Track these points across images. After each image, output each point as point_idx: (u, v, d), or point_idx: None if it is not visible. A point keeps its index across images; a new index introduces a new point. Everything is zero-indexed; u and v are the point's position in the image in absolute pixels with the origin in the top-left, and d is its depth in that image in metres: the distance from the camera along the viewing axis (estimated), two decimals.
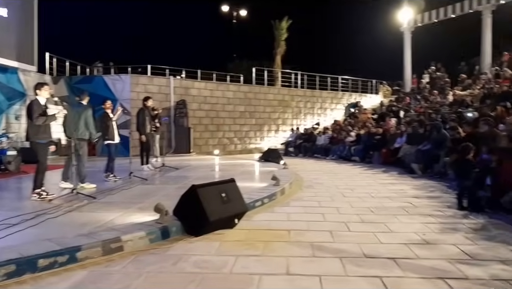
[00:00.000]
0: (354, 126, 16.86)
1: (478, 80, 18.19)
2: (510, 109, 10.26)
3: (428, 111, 14.96)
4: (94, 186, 7.14)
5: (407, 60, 23.57)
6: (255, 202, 5.73)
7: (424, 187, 7.84)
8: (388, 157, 12.04)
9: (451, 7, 21.38)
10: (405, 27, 23.37)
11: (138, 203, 5.66)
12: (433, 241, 4.08)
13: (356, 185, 8.25)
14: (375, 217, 5.23)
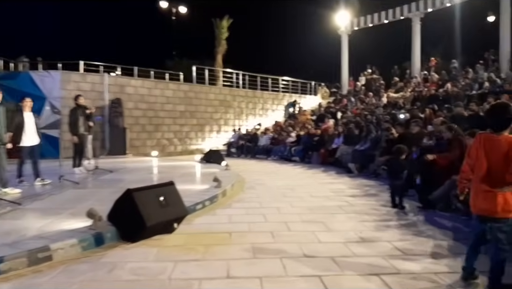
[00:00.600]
0: (294, 127, 17.22)
1: (409, 83, 19.44)
2: (437, 111, 11.02)
3: (364, 112, 15.68)
4: (19, 191, 6.57)
5: (345, 62, 24.57)
6: (195, 205, 5.59)
7: (360, 186, 8.15)
8: (326, 157, 12.41)
9: (384, 13, 22.66)
10: (342, 30, 24.35)
11: (69, 208, 5.28)
12: (369, 239, 4.23)
13: (297, 184, 8.39)
14: (314, 216, 5.32)
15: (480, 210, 2.94)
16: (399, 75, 21.52)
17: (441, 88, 15.53)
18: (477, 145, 2.97)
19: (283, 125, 18.81)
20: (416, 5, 21.15)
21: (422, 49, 21.64)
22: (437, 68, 19.58)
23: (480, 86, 14.66)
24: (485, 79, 15.13)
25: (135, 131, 17.13)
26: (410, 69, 21.57)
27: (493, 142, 2.89)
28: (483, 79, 15.32)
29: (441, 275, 3.17)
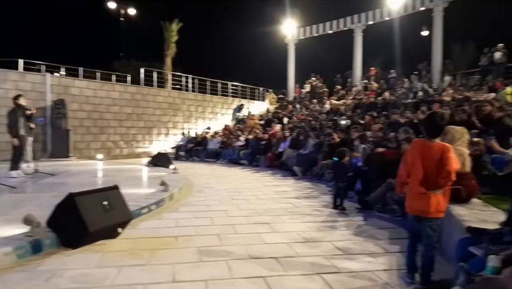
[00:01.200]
0: (243, 131, 17.39)
1: (350, 91, 20.39)
2: (376, 118, 11.68)
3: (309, 118, 16.22)
4: None
5: (291, 70, 25.27)
6: (141, 209, 5.52)
7: (304, 188, 8.44)
8: (273, 160, 12.68)
9: (329, 24, 23.61)
10: (289, 39, 25.01)
11: (4, 214, 4.99)
12: (312, 239, 4.43)
13: (244, 187, 8.52)
14: (261, 218, 5.46)
15: (415, 211, 3.21)
16: (341, 83, 22.51)
17: (379, 97, 16.46)
18: (413, 151, 3.25)
19: (232, 129, 18.92)
20: (358, 17, 22.28)
21: (363, 59, 22.84)
22: (377, 77, 20.75)
23: (415, 96, 15.75)
24: (419, 89, 16.29)
25: (79, 134, 16.40)
26: (352, 78, 22.64)
27: (427, 148, 3.16)
28: (417, 89, 16.50)
29: (378, 272, 3.40)
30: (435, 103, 11.31)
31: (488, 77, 15.35)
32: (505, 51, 15.80)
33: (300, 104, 21.25)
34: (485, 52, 16.77)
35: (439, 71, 18.65)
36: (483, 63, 16.76)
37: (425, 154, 3.16)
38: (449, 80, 17.26)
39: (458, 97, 12.52)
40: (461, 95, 12.82)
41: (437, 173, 3.09)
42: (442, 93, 14.44)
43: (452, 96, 13.18)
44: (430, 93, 15.20)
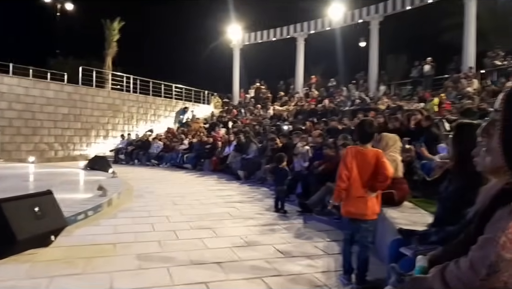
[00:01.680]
0: (187, 134, 17.16)
1: (293, 98, 20.95)
2: (316, 124, 12.10)
3: (253, 123, 16.41)
4: None
5: (236, 74, 25.40)
6: (77, 215, 5.24)
7: (247, 192, 8.51)
8: (217, 164, 12.65)
9: (272, 31, 24.07)
10: (234, 44, 25.13)
11: None
12: (254, 243, 4.48)
13: (187, 192, 8.40)
14: (203, 223, 5.42)
15: (351, 214, 3.37)
16: (284, 90, 23.05)
17: (320, 104, 17.09)
18: (350, 157, 3.41)
19: (175, 132, 18.60)
20: (300, 26, 22.96)
21: (305, 67, 23.56)
22: (317, 85, 21.54)
23: (352, 103, 16.54)
24: (356, 97, 17.15)
25: (7, 134, 15.23)
26: (294, 85, 23.26)
27: (362, 154, 3.35)
28: (355, 97, 17.35)
29: (317, 274, 3.50)
30: (371, 111, 11.95)
31: (418, 88, 16.51)
32: (433, 64, 17.12)
33: (245, 109, 21.42)
34: (416, 64, 18.07)
35: (375, 81, 19.75)
36: (413, 75, 18.04)
37: (360, 160, 3.34)
38: (384, 90, 18.35)
39: (392, 106, 13.34)
40: (394, 104, 13.68)
41: (373, 177, 3.29)
42: (378, 101, 15.30)
43: (386, 104, 14.01)
44: (366, 101, 16.05)
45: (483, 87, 13.15)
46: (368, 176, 3.31)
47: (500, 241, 1.11)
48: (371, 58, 20.27)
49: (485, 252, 1.20)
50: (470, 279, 1.23)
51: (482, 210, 1.34)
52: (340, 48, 22.08)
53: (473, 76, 14.52)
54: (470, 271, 1.24)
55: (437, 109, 11.61)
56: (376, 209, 3.35)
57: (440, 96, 12.87)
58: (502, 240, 1.10)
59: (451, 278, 1.34)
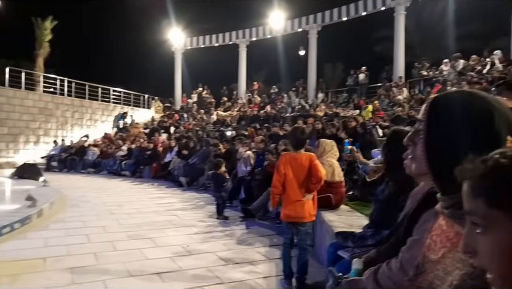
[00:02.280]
0: (125, 140, 16.53)
1: (236, 104, 21.04)
2: (258, 130, 12.24)
3: (196, 128, 16.23)
4: None
5: (178, 79, 24.98)
6: (1, 229, 4.83)
7: (190, 199, 8.38)
8: (158, 171, 12.33)
9: (215, 36, 24.03)
10: (176, 48, 24.73)
11: None
12: (195, 251, 4.41)
13: (126, 201, 8.08)
14: (143, 233, 5.24)
15: (290, 217, 3.46)
16: (228, 95, 23.10)
17: (262, 110, 17.34)
18: (283, 163, 3.50)
19: (113, 138, 17.84)
20: (242, 32, 23.16)
21: (247, 73, 23.80)
22: (260, 91, 21.86)
23: (293, 110, 16.99)
24: (296, 104, 17.64)
25: None
26: (237, 91, 23.41)
27: (295, 159, 3.48)
28: (295, 104, 17.84)
29: (259, 280, 3.53)
30: (310, 118, 12.33)
31: (354, 96, 17.35)
32: (367, 73, 18.09)
33: (188, 114, 21.13)
34: (351, 73, 18.99)
35: (314, 88, 20.44)
36: (349, 83, 18.93)
37: (295, 165, 3.48)
38: (322, 97, 19.03)
39: (329, 113, 13.89)
40: (331, 111, 14.25)
41: (307, 179, 3.44)
42: (316, 108, 15.84)
43: (324, 111, 14.55)
44: (306, 108, 16.55)
45: (412, 95, 14.11)
46: (303, 179, 3.46)
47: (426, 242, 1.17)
48: (310, 66, 20.98)
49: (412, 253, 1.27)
50: (400, 279, 1.30)
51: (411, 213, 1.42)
52: (281, 56, 22.57)
53: (402, 85, 15.53)
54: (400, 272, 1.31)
55: (371, 116, 12.25)
56: (312, 210, 3.50)
57: (374, 103, 13.61)
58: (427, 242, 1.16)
59: (383, 279, 1.40)
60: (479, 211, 0.63)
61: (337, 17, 20.01)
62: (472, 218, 0.65)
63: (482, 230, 0.63)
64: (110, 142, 16.66)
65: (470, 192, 0.65)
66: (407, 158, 1.13)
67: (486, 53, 13.73)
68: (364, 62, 18.87)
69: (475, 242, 0.65)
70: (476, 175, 0.64)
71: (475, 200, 0.64)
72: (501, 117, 0.92)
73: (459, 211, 0.86)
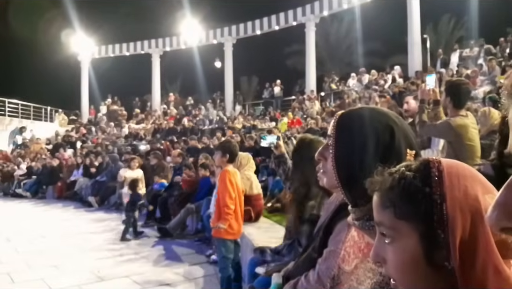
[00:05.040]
0: (24, 157, 15.00)
1: (150, 116, 20.32)
2: (175, 143, 11.94)
3: (105, 142, 15.29)
4: None
5: (85, 89, 23.34)
6: None
7: (100, 220, 7.77)
8: (63, 190, 11.29)
9: (125, 45, 23.01)
10: (82, 57, 23.16)
11: None
12: (107, 277, 4.08)
13: (25, 225, 7.26)
14: (46, 261, 4.72)
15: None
16: (141, 107, 22.23)
17: (179, 122, 17.00)
18: (233, 179, 3.46)
19: (9, 155, 16.08)
20: (155, 42, 22.55)
21: (162, 84, 23.16)
22: (176, 103, 21.40)
23: (211, 122, 16.93)
24: (214, 116, 17.62)
25: None
26: (151, 102, 22.65)
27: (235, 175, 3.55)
28: (213, 116, 17.81)
29: None
30: (228, 130, 12.38)
31: (270, 108, 17.85)
32: (282, 86, 18.79)
33: (96, 127, 19.86)
34: (266, 86, 19.56)
35: (231, 100, 20.64)
36: (265, 96, 19.48)
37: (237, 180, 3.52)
38: (240, 110, 19.29)
39: (247, 125, 14.09)
40: (249, 124, 14.48)
41: None
42: (234, 121, 15.99)
43: (242, 124, 14.73)
44: (224, 120, 16.61)
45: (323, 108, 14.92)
46: None
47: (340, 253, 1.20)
48: (227, 78, 21.16)
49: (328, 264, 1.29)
50: None
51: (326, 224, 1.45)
52: (197, 67, 22.43)
53: (315, 99, 16.37)
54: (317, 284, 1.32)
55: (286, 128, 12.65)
56: None
57: (289, 116, 14.12)
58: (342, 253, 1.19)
59: None
60: (387, 221, 0.66)
61: (251, 31, 20.52)
62: (381, 229, 0.68)
63: (390, 240, 0.66)
64: (6, 160, 14.99)
65: (379, 203, 0.67)
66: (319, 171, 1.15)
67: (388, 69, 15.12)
68: (278, 75, 19.58)
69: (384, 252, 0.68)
70: (384, 187, 0.66)
71: (383, 211, 0.66)
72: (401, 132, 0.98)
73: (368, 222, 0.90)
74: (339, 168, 1.00)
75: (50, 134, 20.28)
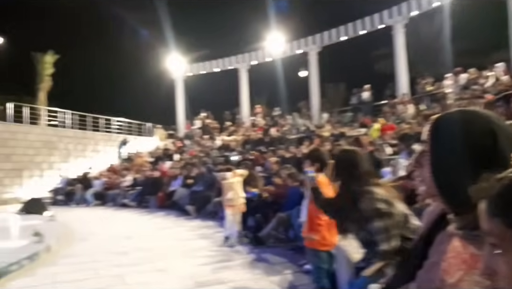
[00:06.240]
0: (129, 170, 16.54)
1: (239, 128, 21.10)
2: (264, 153, 12.21)
3: (200, 154, 16.22)
4: None
5: (180, 106, 25.12)
6: (9, 266, 4.77)
7: (198, 228, 8.25)
8: (164, 200, 12.14)
9: (215, 62, 24.33)
10: (176, 75, 25.01)
11: None
12: (207, 283, 4.27)
13: (133, 232, 7.97)
14: (152, 265, 5.14)
15: None
16: (231, 119, 23.20)
17: (266, 133, 17.35)
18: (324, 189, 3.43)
19: (117, 168, 17.86)
20: (242, 57, 23.45)
21: (250, 97, 23.91)
22: (263, 114, 21.92)
23: (298, 131, 16.99)
24: (301, 125, 17.64)
25: None
26: (240, 115, 23.50)
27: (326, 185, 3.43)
28: (299, 125, 17.85)
29: None
30: (316, 139, 12.29)
31: (359, 114, 17.33)
32: (371, 91, 18.14)
33: (191, 141, 21.20)
34: (354, 92, 19.05)
35: (317, 109, 20.51)
36: (353, 102, 18.96)
37: None
38: (327, 117, 19.05)
39: (335, 133, 13.84)
40: (337, 131, 14.20)
41: None
42: (322, 129, 15.82)
43: (330, 132, 14.50)
44: (311, 129, 16.55)
45: (418, 112, 14.04)
46: None
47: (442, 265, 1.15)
48: (312, 86, 21.11)
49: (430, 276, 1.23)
50: None
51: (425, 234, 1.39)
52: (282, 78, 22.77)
53: (408, 102, 15.50)
54: None
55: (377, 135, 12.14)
56: None
57: (380, 121, 13.52)
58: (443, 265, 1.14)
59: None
60: (497, 231, 0.62)
61: (336, 38, 20.28)
62: (490, 239, 0.64)
63: (501, 251, 0.62)
64: (115, 173, 16.66)
65: (487, 212, 0.64)
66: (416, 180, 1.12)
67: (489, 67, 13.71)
68: (366, 80, 18.95)
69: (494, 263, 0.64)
70: (492, 194, 0.63)
71: (492, 220, 0.63)
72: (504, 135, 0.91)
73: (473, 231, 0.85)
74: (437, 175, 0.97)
75: (151, 148, 22.18)
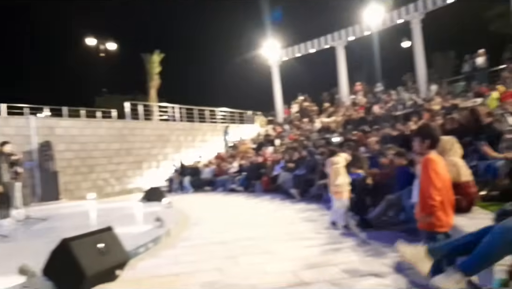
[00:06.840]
0: (235, 157, 17.29)
1: (339, 108, 20.49)
2: (367, 133, 11.67)
3: (301, 138, 16.20)
4: None
5: (277, 91, 25.32)
6: (138, 248, 5.35)
7: (303, 211, 8.29)
8: (269, 184, 12.48)
9: (310, 43, 23.84)
10: (272, 62, 25.17)
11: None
12: (316, 264, 4.28)
13: (242, 215, 8.37)
14: (261, 247, 5.31)
15: None
16: (329, 100, 22.64)
17: (369, 111, 16.55)
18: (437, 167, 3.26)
19: (224, 156, 18.81)
20: (338, 34, 22.59)
21: (348, 75, 23.01)
22: (364, 92, 20.93)
23: (404, 107, 15.86)
24: (407, 100, 16.42)
25: (68, 174, 16.15)
26: (339, 95, 22.78)
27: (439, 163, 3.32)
28: (406, 100, 16.62)
29: None
30: (425, 113, 11.34)
31: (473, 83, 15.55)
32: (487, 56, 16.10)
33: (290, 125, 21.28)
34: (467, 59, 17.10)
35: (424, 81, 18.91)
36: (466, 70, 17.05)
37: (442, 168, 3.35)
38: (436, 89, 17.47)
39: (447, 106, 12.60)
40: (449, 104, 12.91)
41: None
42: (431, 102, 14.55)
43: (440, 104, 13.25)
44: (418, 103, 15.33)
45: None
46: None
47: None
48: (417, 57, 19.48)
49: None
50: None
51: None
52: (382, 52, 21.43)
53: None
54: None
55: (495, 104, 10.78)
56: None
57: (499, 88, 11.96)
58: None
59: None
60: None
61: (441, 2, 18.35)
62: None
63: None
64: (222, 160, 17.55)
65: None
66: None
67: None
68: (479, 44, 16.86)
69: None
70: None
71: None
72: None
73: None
74: None
75: (253, 135, 22.87)
